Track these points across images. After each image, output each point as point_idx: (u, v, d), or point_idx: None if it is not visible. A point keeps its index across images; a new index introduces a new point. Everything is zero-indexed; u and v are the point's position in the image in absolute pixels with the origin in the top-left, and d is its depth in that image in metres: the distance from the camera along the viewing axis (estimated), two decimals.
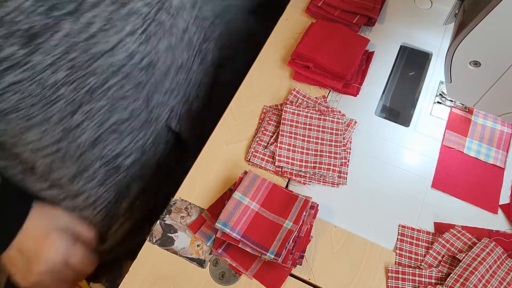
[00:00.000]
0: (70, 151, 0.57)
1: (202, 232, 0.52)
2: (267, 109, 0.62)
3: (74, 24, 0.47)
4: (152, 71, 0.60)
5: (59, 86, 0.50)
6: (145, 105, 0.62)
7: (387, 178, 0.58)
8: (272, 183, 0.54)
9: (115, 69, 0.54)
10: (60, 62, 0.48)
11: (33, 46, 0.45)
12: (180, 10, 0.61)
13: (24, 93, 0.48)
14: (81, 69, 0.50)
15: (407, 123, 0.63)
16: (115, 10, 0.50)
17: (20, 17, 0.43)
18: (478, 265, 0.49)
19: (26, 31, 0.44)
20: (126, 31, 0.53)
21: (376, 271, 0.51)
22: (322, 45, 0.65)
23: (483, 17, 0.44)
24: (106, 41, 0.51)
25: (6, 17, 0.42)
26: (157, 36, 0.58)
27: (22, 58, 0.46)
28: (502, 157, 0.60)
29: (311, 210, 0.52)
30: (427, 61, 0.69)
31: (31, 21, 0.44)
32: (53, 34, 0.46)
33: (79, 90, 0.52)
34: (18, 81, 0.47)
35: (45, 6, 0.44)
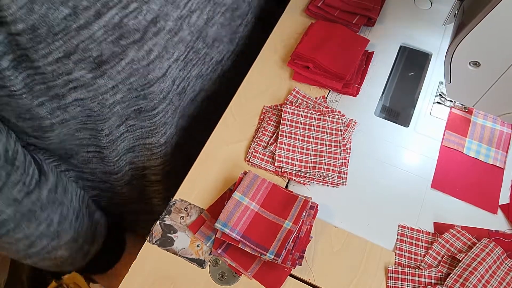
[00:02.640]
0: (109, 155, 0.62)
1: (201, 233, 0.52)
2: (266, 109, 0.62)
3: (138, 52, 0.50)
4: (183, 97, 0.64)
5: (116, 105, 0.54)
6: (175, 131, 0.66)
7: (386, 178, 0.58)
8: (272, 183, 0.54)
9: (164, 95, 0.57)
10: (120, 86, 0.51)
11: (100, 72, 0.48)
12: (216, 41, 0.65)
13: (84, 107, 0.52)
14: (136, 91, 0.53)
15: (406, 123, 0.63)
16: (170, 38, 0.53)
17: (92, 45, 0.46)
18: (477, 265, 0.49)
19: (96, 58, 0.47)
20: (174, 58, 0.56)
21: (375, 271, 0.51)
22: (322, 45, 0.65)
23: (482, 17, 0.44)
24: (160, 67, 0.54)
25: (80, 45, 0.45)
26: (192, 62, 0.62)
27: (88, 81, 0.49)
28: (502, 157, 0.60)
29: (310, 210, 0.52)
30: (427, 61, 0.69)
31: (102, 49, 0.47)
32: (119, 61, 0.49)
33: (130, 108, 0.56)
34: (81, 99, 0.50)
35: (115, 35, 0.47)
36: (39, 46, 0.43)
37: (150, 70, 0.53)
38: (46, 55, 0.44)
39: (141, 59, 0.51)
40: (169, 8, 0.52)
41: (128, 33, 0.48)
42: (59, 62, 0.45)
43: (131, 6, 0.46)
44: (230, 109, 0.62)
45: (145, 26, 0.49)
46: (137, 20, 0.48)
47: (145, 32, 0.49)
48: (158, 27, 0.51)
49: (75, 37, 0.44)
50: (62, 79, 0.47)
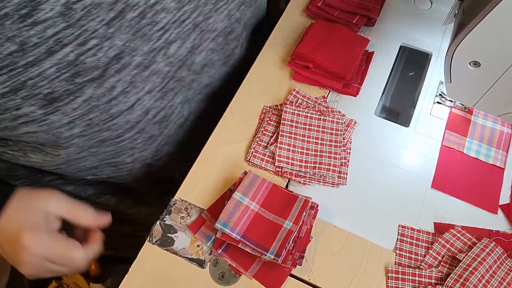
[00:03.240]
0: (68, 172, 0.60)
1: (202, 233, 0.52)
2: (267, 109, 0.62)
3: (97, 89, 0.47)
4: (165, 124, 0.61)
5: (74, 138, 0.51)
6: (151, 155, 0.63)
7: (387, 178, 0.58)
8: (272, 183, 0.54)
9: (131, 125, 0.55)
10: (77, 121, 0.49)
11: (52, 108, 0.46)
12: (205, 67, 0.61)
13: (38, 138, 0.50)
14: (97, 125, 0.51)
15: (407, 123, 0.63)
16: (138, 73, 0.50)
17: (42, 82, 0.43)
18: (478, 265, 0.49)
19: (46, 95, 0.44)
20: (145, 90, 0.53)
21: (376, 271, 0.51)
22: (322, 45, 0.65)
23: (483, 17, 0.44)
24: (126, 102, 0.51)
25: (29, 82, 0.42)
26: (174, 91, 0.58)
27: (39, 117, 0.46)
28: (502, 157, 0.60)
29: (311, 210, 0.52)
30: (427, 61, 0.69)
31: (54, 87, 0.44)
32: (74, 99, 0.46)
33: (92, 140, 0.53)
34: (33, 132, 0.48)
35: (69, 73, 0.44)
36: None
37: (113, 105, 0.50)
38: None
39: (101, 96, 0.48)
40: (138, 42, 0.48)
41: (84, 71, 0.45)
42: (5, 97, 0.43)
43: (89, 43, 0.43)
44: (230, 109, 0.62)
45: (106, 64, 0.46)
46: (96, 58, 0.45)
47: (106, 70, 0.46)
48: (122, 63, 0.47)
49: (22, 73, 0.41)
50: (10, 113, 0.44)
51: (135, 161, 0.61)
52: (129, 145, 0.57)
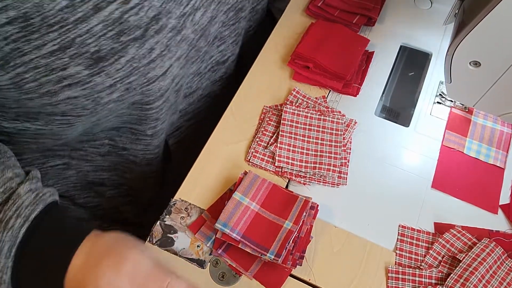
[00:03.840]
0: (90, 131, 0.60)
1: (202, 233, 0.52)
2: (267, 110, 0.62)
3: (138, 50, 0.48)
4: (178, 94, 0.62)
5: (111, 103, 0.52)
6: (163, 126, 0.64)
7: (387, 178, 0.58)
8: (272, 184, 0.54)
9: (161, 93, 0.56)
10: (118, 85, 0.50)
11: (97, 69, 0.47)
12: (216, 39, 0.63)
13: (77, 105, 0.50)
14: (135, 90, 0.52)
15: (407, 123, 0.63)
16: (173, 36, 0.52)
17: (90, 40, 0.44)
18: (478, 266, 0.49)
19: (93, 53, 0.45)
20: (176, 56, 0.54)
21: (376, 272, 0.51)
22: (322, 45, 0.65)
23: (483, 17, 0.44)
24: (161, 66, 0.52)
25: (78, 39, 0.43)
26: (192, 60, 0.60)
27: (84, 78, 0.47)
28: (502, 157, 0.60)
29: (311, 211, 0.52)
30: (427, 61, 0.69)
31: (100, 45, 0.45)
32: (118, 58, 0.47)
33: (124, 103, 0.54)
34: (74, 97, 0.48)
35: (114, 31, 0.45)
36: (32, 37, 0.41)
37: (151, 68, 0.51)
38: (39, 46, 0.42)
39: (141, 58, 0.49)
40: (172, 5, 0.50)
41: (128, 30, 0.46)
42: (53, 55, 0.43)
43: (132, 1, 0.45)
44: (230, 109, 0.62)
45: (147, 23, 0.48)
46: (138, 16, 0.46)
47: (147, 30, 0.48)
48: (160, 24, 0.49)
49: (72, 30, 0.43)
50: (55, 74, 0.45)
51: (154, 134, 0.62)
52: (155, 115, 0.58)
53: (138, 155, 0.65)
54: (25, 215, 0.42)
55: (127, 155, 0.65)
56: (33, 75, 0.45)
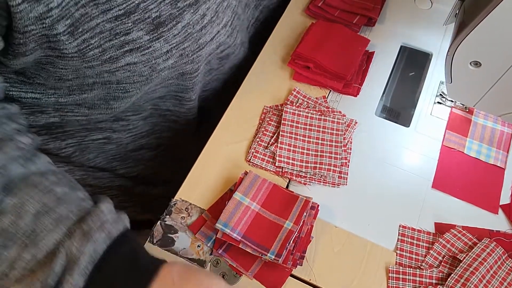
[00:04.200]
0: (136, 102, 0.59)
1: (202, 233, 0.52)
2: (267, 110, 0.62)
3: (193, 15, 0.50)
4: (225, 62, 0.64)
5: (165, 70, 0.53)
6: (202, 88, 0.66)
7: (387, 178, 0.58)
8: (272, 184, 0.54)
9: (206, 58, 0.58)
10: (174, 51, 0.51)
11: (157, 34, 0.48)
12: (247, 7, 0.66)
13: (134, 73, 0.51)
14: (187, 57, 0.54)
15: (407, 124, 0.63)
16: (220, 2, 0.54)
17: (152, 5, 0.46)
18: (478, 266, 0.49)
19: (154, 19, 0.47)
20: (223, 23, 0.57)
21: (376, 272, 0.51)
22: (322, 45, 0.65)
23: (483, 17, 0.44)
24: (211, 32, 0.55)
25: (141, 4, 0.45)
26: (236, 29, 0.62)
27: (144, 44, 0.48)
28: (503, 157, 0.60)
29: (311, 211, 0.52)
30: (427, 61, 0.69)
31: (161, 10, 0.47)
32: (176, 24, 0.49)
33: (176, 72, 0.55)
34: (134, 63, 0.50)
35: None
36: (100, 1, 0.43)
37: (202, 34, 0.53)
38: (106, 11, 0.44)
39: (195, 23, 0.51)
40: None
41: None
42: (118, 20, 0.45)
43: None
44: (231, 109, 0.62)
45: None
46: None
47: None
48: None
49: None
50: (118, 39, 0.46)
51: (196, 99, 0.64)
52: (198, 79, 0.60)
53: (180, 116, 0.67)
54: (109, 231, 0.38)
55: (170, 115, 0.67)
56: (98, 40, 0.46)
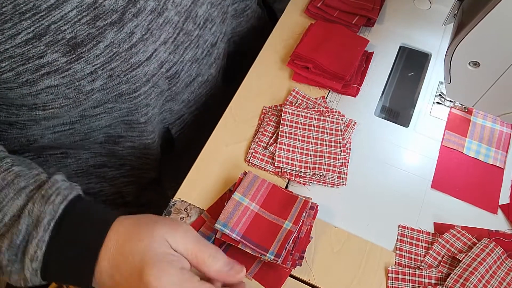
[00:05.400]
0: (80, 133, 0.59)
1: (201, 233, 0.52)
2: (266, 110, 0.62)
3: (117, 34, 0.48)
4: (175, 81, 0.61)
5: (95, 92, 0.51)
6: (158, 111, 0.63)
7: (386, 178, 0.58)
8: (271, 184, 0.54)
9: (147, 78, 0.55)
10: (100, 71, 0.49)
11: (75, 55, 0.46)
12: (208, 22, 0.62)
13: (58, 95, 0.49)
14: (118, 77, 0.51)
15: (406, 124, 0.63)
16: (154, 19, 0.51)
17: (65, 26, 0.44)
18: (478, 266, 0.49)
19: (69, 40, 0.44)
20: (161, 40, 0.53)
21: (376, 272, 0.51)
22: (321, 45, 0.65)
23: (482, 18, 0.44)
24: (144, 51, 0.52)
25: (52, 26, 0.43)
26: (184, 45, 0.59)
27: (63, 65, 0.46)
28: (502, 157, 0.60)
29: (310, 211, 0.52)
30: (427, 62, 0.69)
31: (76, 30, 0.44)
32: (96, 44, 0.46)
33: (110, 94, 0.53)
34: (55, 85, 0.48)
35: (90, 16, 0.45)
36: (5, 26, 0.41)
37: (133, 53, 0.50)
38: (13, 35, 0.42)
39: (121, 42, 0.48)
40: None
41: (104, 14, 0.45)
42: (28, 44, 0.43)
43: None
44: (230, 110, 0.62)
45: (123, 7, 0.46)
46: (113, 0, 0.45)
47: (124, 13, 0.47)
48: (137, 7, 0.48)
49: (45, 17, 0.42)
50: (32, 63, 0.44)
51: (147, 121, 0.61)
52: (144, 101, 0.57)
53: (135, 141, 0.65)
54: (63, 194, 0.42)
55: (124, 141, 0.65)
56: (9, 64, 0.44)
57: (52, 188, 0.42)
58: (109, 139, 0.64)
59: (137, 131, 0.62)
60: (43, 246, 0.40)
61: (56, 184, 0.43)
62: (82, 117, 0.56)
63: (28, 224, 0.40)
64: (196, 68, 0.65)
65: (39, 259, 0.40)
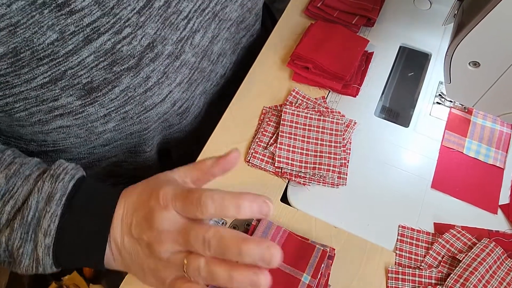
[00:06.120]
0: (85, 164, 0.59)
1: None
2: (266, 110, 0.62)
3: (133, 79, 0.47)
4: (185, 116, 0.61)
5: (106, 133, 0.51)
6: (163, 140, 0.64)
7: (386, 178, 0.58)
8: (287, 232, 0.51)
9: (159, 117, 0.55)
10: (113, 114, 0.49)
11: (90, 99, 0.46)
12: (220, 56, 0.62)
13: (70, 134, 0.49)
14: (131, 119, 0.51)
15: (406, 124, 0.63)
16: (170, 63, 0.51)
17: (82, 72, 0.43)
18: (478, 266, 0.49)
19: (85, 84, 0.44)
20: (176, 82, 0.53)
21: (376, 272, 0.51)
22: (321, 46, 0.65)
23: (482, 18, 0.44)
24: (159, 94, 0.51)
25: (69, 71, 0.43)
26: (197, 82, 0.59)
27: (76, 108, 0.46)
28: (502, 157, 0.60)
29: (329, 261, 0.50)
30: (427, 62, 0.69)
31: (92, 76, 0.44)
32: (112, 88, 0.46)
33: (121, 134, 0.53)
34: (67, 126, 0.48)
35: (107, 62, 0.44)
36: (22, 71, 0.41)
37: (148, 97, 0.50)
38: (29, 80, 0.42)
39: (137, 86, 0.48)
40: (167, 31, 0.49)
41: (121, 60, 0.45)
42: (44, 87, 0.43)
43: (124, 31, 0.44)
44: (230, 110, 0.62)
45: (141, 52, 0.46)
46: (132, 46, 0.45)
47: (141, 58, 0.47)
48: (155, 52, 0.48)
49: (62, 63, 0.42)
50: (46, 105, 0.44)
51: (152, 149, 0.62)
52: (152, 134, 0.58)
53: (138, 164, 0.65)
54: (71, 174, 0.43)
55: (126, 165, 0.65)
56: (23, 105, 0.44)
57: (59, 168, 0.43)
58: (112, 165, 0.64)
59: (142, 158, 0.63)
60: (56, 220, 0.40)
61: (63, 165, 0.43)
62: (90, 154, 0.57)
63: (38, 201, 0.40)
64: (204, 99, 0.65)
65: (52, 234, 0.40)
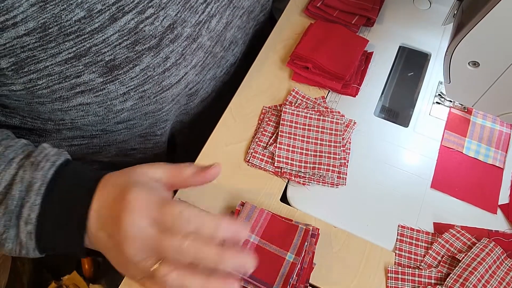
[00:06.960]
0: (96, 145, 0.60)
1: None
2: (266, 110, 0.62)
3: (153, 59, 0.49)
4: (193, 98, 0.63)
5: (124, 112, 0.52)
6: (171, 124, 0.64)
7: (386, 178, 0.58)
8: (270, 214, 0.52)
9: (173, 98, 0.56)
10: (132, 93, 0.50)
11: (112, 76, 0.47)
12: (232, 44, 0.64)
13: (89, 112, 0.50)
14: (148, 98, 0.52)
15: (406, 124, 0.63)
16: (188, 45, 0.52)
17: (105, 49, 0.45)
18: (477, 265, 0.49)
19: (108, 62, 0.46)
20: (192, 64, 0.55)
21: (375, 272, 0.51)
22: (321, 45, 0.65)
23: (482, 17, 0.44)
24: (176, 75, 0.53)
25: (93, 48, 0.44)
26: (209, 66, 0.61)
27: (98, 85, 0.47)
28: (501, 157, 0.60)
29: (312, 239, 0.51)
30: (426, 62, 0.69)
31: (115, 53, 0.46)
32: (133, 67, 0.48)
33: (137, 113, 0.54)
34: (87, 103, 0.49)
35: (130, 40, 0.46)
36: (49, 45, 0.42)
37: (166, 77, 0.52)
38: (55, 54, 0.43)
39: (156, 66, 0.50)
40: (187, 14, 0.51)
41: (143, 39, 0.47)
42: (68, 63, 0.44)
43: (147, 11, 0.46)
44: (230, 110, 0.62)
45: (162, 33, 0.48)
46: (154, 26, 0.47)
47: (162, 39, 0.48)
48: (175, 33, 0.50)
49: (88, 39, 0.43)
50: (69, 82, 0.46)
51: (163, 134, 0.62)
52: (165, 117, 0.59)
53: (147, 152, 0.65)
54: (52, 161, 0.43)
55: (136, 154, 0.66)
56: (46, 82, 0.45)
57: (40, 155, 0.44)
58: (121, 153, 0.65)
59: (151, 143, 0.63)
60: (36, 209, 0.41)
61: (44, 151, 0.44)
62: (103, 132, 0.57)
63: (21, 190, 0.42)
64: (213, 85, 0.66)
65: (33, 222, 0.41)
